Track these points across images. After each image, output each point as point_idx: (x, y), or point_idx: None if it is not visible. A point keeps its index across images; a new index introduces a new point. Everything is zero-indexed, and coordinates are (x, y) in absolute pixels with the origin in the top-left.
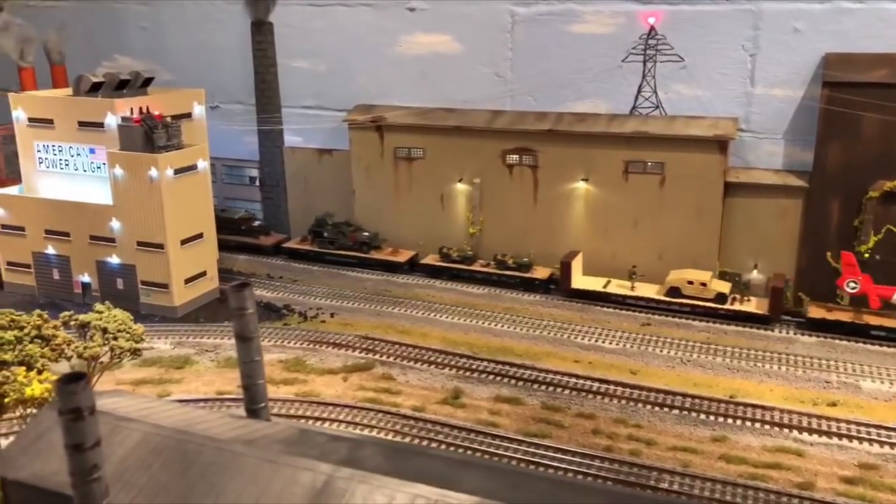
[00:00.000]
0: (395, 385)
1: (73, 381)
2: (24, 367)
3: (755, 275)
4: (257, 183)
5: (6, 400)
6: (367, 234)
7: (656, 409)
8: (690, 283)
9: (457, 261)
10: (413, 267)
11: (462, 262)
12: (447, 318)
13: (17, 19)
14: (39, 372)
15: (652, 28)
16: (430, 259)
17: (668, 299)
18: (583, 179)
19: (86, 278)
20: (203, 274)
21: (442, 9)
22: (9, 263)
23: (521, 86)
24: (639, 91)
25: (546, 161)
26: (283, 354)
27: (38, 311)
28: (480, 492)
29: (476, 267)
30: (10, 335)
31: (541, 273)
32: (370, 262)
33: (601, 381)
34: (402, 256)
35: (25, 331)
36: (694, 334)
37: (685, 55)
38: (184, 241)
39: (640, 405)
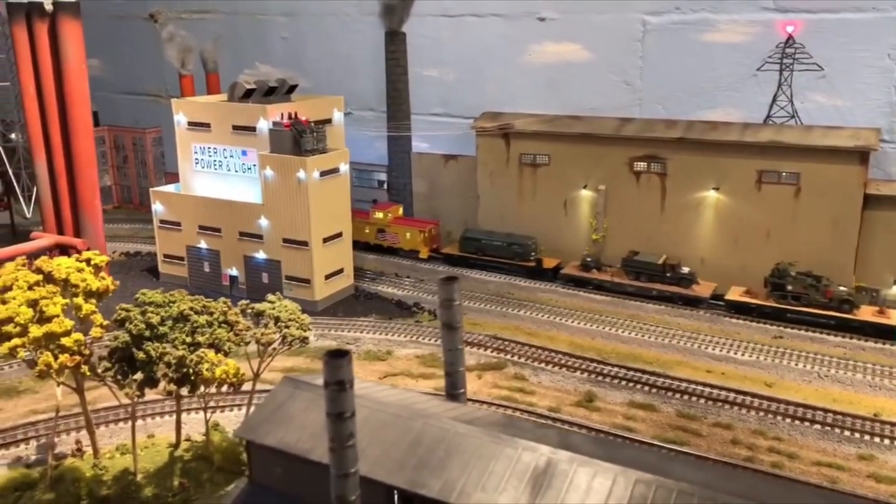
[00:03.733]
0: (529, 385)
1: (339, 357)
2: (212, 350)
3: (895, 291)
4: (385, 186)
5: (200, 378)
6: (845, 289)
7: (796, 422)
8: None
9: None
10: None
11: None
12: (573, 322)
13: (180, 31)
14: (226, 354)
15: (790, 37)
16: None
17: None
18: (713, 188)
19: (233, 272)
20: (340, 271)
21: (572, 18)
22: (165, 256)
23: (651, 94)
24: (774, 100)
25: (675, 169)
26: (418, 350)
27: (223, 299)
28: (695, 482)
29: None
30: (202, 319)
31: None
32: (853, 324)
33: (736, 391)
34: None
35: (214, 316)
36: (829, 349)
37: (825, 64)
38: (325, 240)
39: (778, 418)
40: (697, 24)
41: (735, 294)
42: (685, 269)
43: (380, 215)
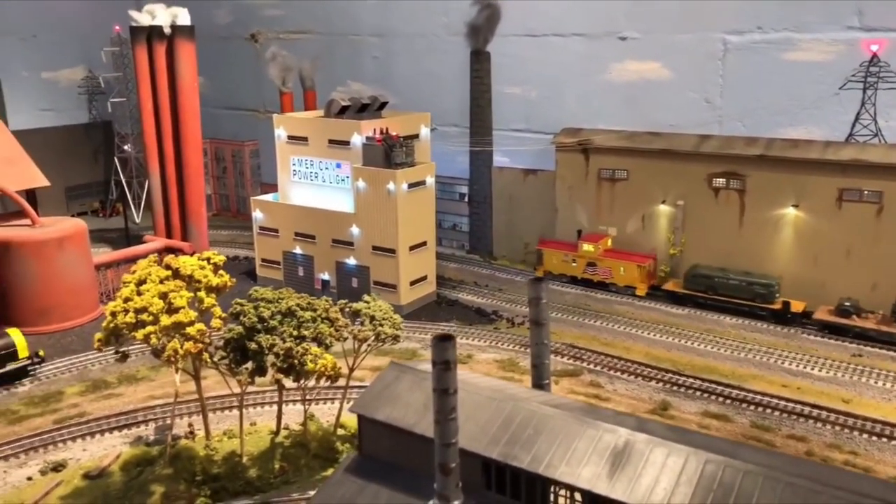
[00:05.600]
0: (604, 392)
1: (446, 340)
2: (315, 343)
3: None
4: (466, 199)
5: (304, 368)
6: None
7: (874, 438)
8: None
9: None
10: None
11: None
12: (648, 334)
13: (282, 51)
14: (327, 348)
15: (875, 55)
16: None
17: None
18: (793, 206)
19: (325, 276)
20: (424, 278)
21: (654, 37)
22: (263, 260)
23: (731, 111)
24: (856, 119)
25: (755, 186)
26: (497, 355)
27: (325, 297)
28: (764, 465)
29: None
30: (307, 315)
31: None
32: None
33: (812, 406)
34: None
35: (318, 312)
36: None
37: None
38: (411, 248)
39: (855, 433)
40: (779, 44)
41: None
42: None
43: (589, 247)
